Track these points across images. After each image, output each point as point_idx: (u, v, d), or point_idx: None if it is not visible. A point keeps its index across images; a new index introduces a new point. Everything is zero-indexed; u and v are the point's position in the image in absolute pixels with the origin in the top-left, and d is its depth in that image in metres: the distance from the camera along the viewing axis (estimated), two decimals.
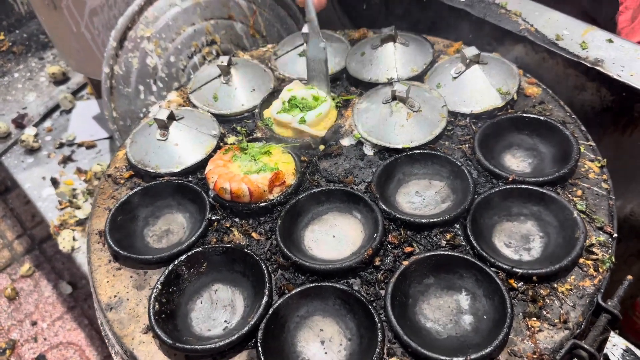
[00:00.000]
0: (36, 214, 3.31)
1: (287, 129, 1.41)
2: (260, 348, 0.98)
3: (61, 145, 2.67)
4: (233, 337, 1.00)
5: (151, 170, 1.37)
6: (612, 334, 1.50)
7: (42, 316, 2.83)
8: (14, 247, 3.17)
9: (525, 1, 1.67)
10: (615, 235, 1.15)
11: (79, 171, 2.50)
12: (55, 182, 2.46)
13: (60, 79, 3.02)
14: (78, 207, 2.33)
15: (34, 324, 2.79)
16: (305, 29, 1.59)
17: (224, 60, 1.53)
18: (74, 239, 2.19)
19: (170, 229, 1.30)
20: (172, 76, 1.93)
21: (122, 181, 1.41)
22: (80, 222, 2.29)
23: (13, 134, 2.75)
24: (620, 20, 1.71)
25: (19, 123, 2.79)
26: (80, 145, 2.65)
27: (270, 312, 1.03)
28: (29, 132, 2.70)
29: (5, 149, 2.68)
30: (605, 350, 1.49)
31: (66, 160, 2.58)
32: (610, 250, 1.12)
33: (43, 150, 2.66)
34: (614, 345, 1.49)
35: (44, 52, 3.27)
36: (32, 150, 2.65)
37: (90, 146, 2.64)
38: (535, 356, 0.97)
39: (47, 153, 2.64)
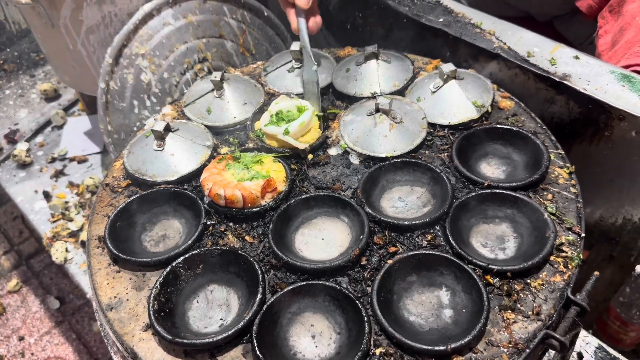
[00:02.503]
0: (23, 230, 3.32)
1: (275, 140, 1.48)
2: (255, 341, 1.03)
3: (53, 160, 2.69)
4: (229, 332, 1.05)
5: (148, 179, 1.42)
6: (585, 333, 1.58)
7: (30, 331, 2.82)
8: (1, 262, 3.16)
9: (498, 21, 1.75)
10: (583, 234, 1.22)
11: (71, 185, 2.53)
12: (47, 196, 2.48)
13: (51, 96, 3.06)
14: (70, 220, 2.36)
15: (21, 339, 2.78)
16: (293, 46, 1.67)
17: (217, 75, 1.59)
18: (66, 250, 2.22)
19: (167, 234, 1.35)
20: (166, 92, 2.00)
21: (119, 190, 1.46)
22: (73, 234, 2.31)
23: (5, 149, 2.77)
24: (600, 43, 1.73)
25: (11, 138, 2.82)
26: (72, 159, 2.69)
27: (264, 308, 1.09)
28: (21, 147, 2.72)
29: None
30: (579, 349, 1.57)
31: (58, 174, 2.60)
32: (578, 249, 1.18)
33: (35, 164, 2.68)
34: (587, 344, 1.57)
35: (35, 69, 3.31)
36: (24, 165, 2.67)
37: (81, 160, 2.67)
38: (510, 345, 1.03)
39: (39, 167, 2.66)
